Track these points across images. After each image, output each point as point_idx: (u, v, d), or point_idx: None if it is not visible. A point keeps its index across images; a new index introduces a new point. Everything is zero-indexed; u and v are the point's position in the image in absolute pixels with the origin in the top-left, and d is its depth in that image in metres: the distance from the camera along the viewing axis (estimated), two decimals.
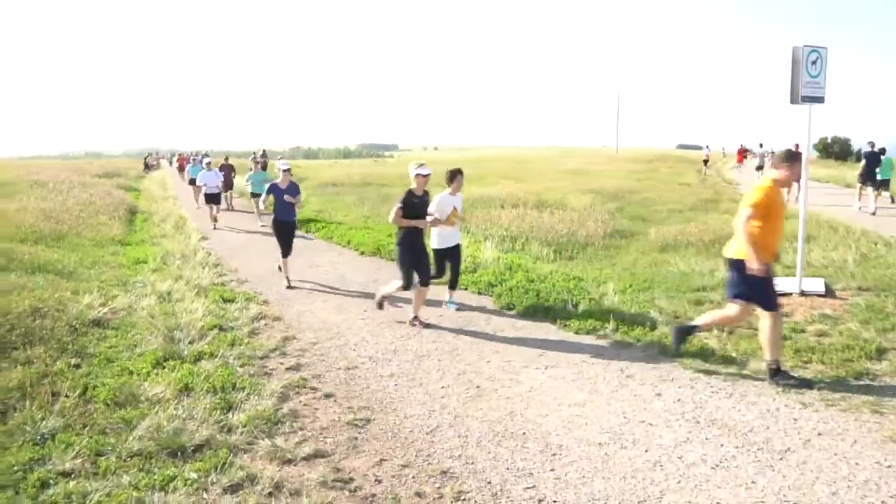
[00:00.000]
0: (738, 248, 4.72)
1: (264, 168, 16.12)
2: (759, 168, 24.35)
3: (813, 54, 6.56)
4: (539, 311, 6.79)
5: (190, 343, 5.63)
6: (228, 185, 17.98)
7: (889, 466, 3.49)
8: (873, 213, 14.32)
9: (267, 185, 8.87)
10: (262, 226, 13.29)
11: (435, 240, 6.82)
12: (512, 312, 6.95)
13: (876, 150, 15.92)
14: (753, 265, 4.49)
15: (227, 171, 17.97)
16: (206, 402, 4.31)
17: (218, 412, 4.22)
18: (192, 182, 17.71)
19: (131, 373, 4.96)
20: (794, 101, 6.65)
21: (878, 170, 15.28)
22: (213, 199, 15.21)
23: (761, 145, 26.21)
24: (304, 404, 4.53)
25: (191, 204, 18.60)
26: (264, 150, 35.33)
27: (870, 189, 15.24)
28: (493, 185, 21.65)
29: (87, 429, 3.97)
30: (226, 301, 7.37)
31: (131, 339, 5.87)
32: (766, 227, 4.69)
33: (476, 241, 10.74)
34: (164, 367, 5.06)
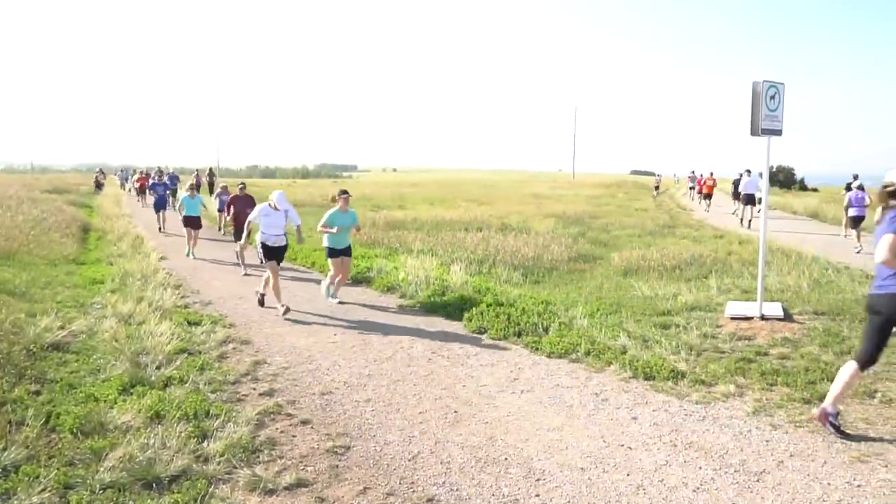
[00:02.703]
0: None
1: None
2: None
3: (771, 89, 6.89)
4: (511, 335, 6.84)
5: (157, 368, 5.45)
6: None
7: (859, 486, 3.62)
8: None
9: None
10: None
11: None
12: (484, 336, 6.97)
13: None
14: None
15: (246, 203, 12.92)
16: (179, 431, 4.16)
17: (192, 441, 4.08)
18: (190, 221, 13.07)
19: (97, 399, 4.76)
20: (753, 132, 6.94)
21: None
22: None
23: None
24: (281, 431, 4.43)
25: (147, 222, 18.11)
26: (211, 169, 34.70)
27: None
28: (457, 209, 21.81)
29: (53, 460, 3.78)
30: (191, 324, 7.17)
31: (94, 363, 5.65)
32: None
33: (443, 264, 10.77)
34: (131, 394, 4.87)
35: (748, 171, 19.26)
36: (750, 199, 18.44)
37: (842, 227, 16.12)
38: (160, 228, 16.92)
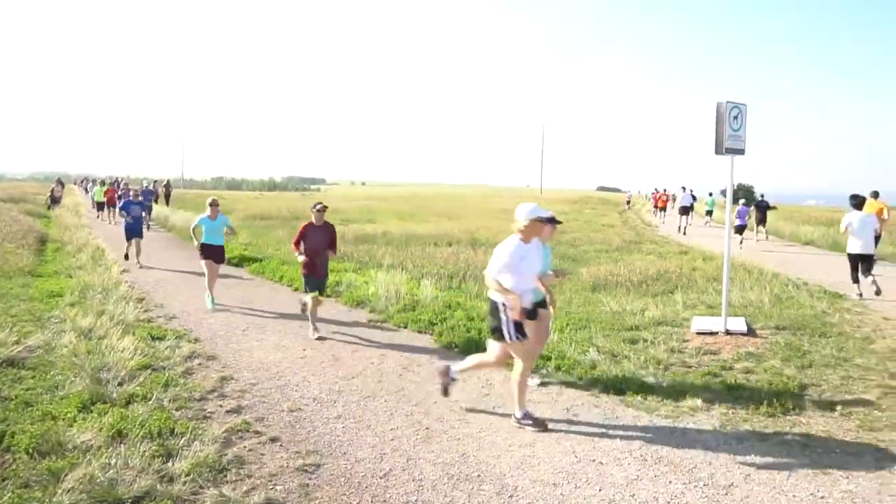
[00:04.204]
0: None
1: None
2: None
3: (734, 110, 7.10)
4: (481, 350, 6.82)
5: (119, 384, 5.28)
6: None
7: (822, 497, 3.71)
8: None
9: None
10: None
11: None
12: (454, 351, 6.95)
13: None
14: None
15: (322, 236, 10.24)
16: (142, 450, 4.02)
17: (157, 460, 3.95)
18: (204, 249, 9.36)
19: (55, 418, 4.58)
20: (718, 152, 7.14)
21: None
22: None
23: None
24: (249, 449, 4.32)
25: (109, 234, 17.63)
26: (168, 181, 34.07)
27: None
28: (427, 223, 21.82)
29: (7, 482, 3.62)
30: (155, 339, 6.98)
31: (52, 380, 5.44)
32: None
33: (413, 279, 10.73)
34: (91, 412, 4.71)
35: (684, 188, 25.50)
36: (685, 211, 23.43)
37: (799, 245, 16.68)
38: (128, 256, 13.14)
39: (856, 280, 9.89)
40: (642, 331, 7.51)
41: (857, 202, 10.25)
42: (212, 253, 9.36)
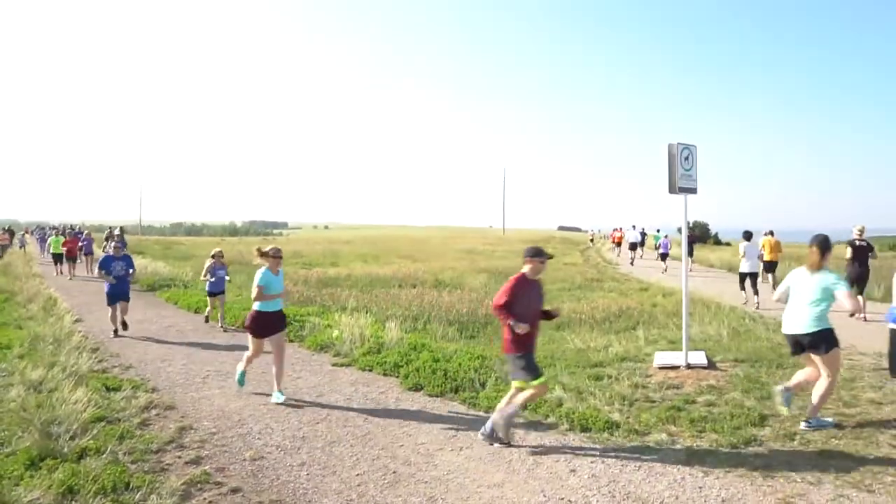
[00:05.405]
0: None
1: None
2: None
3: (685, 151, 7.39)
4: (448, 391, 6.80)
5: (71, 438, 5.05)
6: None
7: None
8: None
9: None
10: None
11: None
12: (420, 393, 6.89)
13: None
14: None
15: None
16: None
17: None
18: (260, 319, 6.69)
19: (0, 476, 4.35)
20: (671, 191, 7.39)
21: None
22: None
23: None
24: (210, 502, 4.17)
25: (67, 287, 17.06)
26: (121, 228, 33.30)
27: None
28: (390, 265, 21.79)
29: None
30: (109, 389, 6.73)
31: None
32: None
33: (378, 321, 10.66)
34: (40, 468, 4.49)
35: (633, 226, 29.45)
36: (633, 246, 27.77)
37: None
38: (119, 330, 10.44)
39: (743, 288, 13.30)
40: (606, 367, 7.58)
41: (747, 235, 13.52)
42: (273, 323, 6.68)
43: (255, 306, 6.66)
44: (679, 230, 12.30)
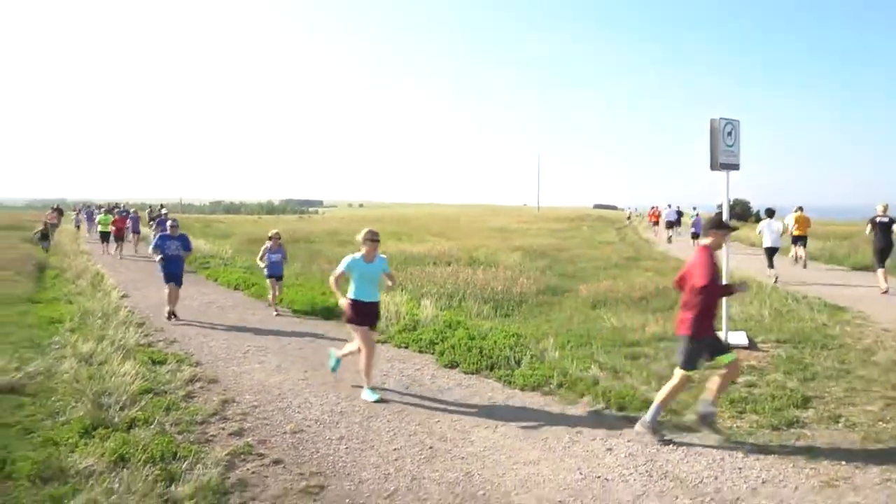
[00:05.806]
0: None
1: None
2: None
3: (728, 126, 7.18)
4: (483, 369, 6.83)
5: (121, 409, 5.25)
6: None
7: None
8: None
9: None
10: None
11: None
12: (456, 370, 6.94)
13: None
14: None
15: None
16: (145, 474, 4.00)
17: (160, 484, 3.93)
18: (356, 308, 6.13)
19: (56, 444, 4.56)
20: (713, 167, 7.20)
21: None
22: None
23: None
24: (253, 472, 4.30)
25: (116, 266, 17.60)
26: (161, 205, 34.03)
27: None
28: (425, 243, 21.84)
29: None
30: (155, 363, 6.95)
31: (52, 406, 5.42)
32: None
33: (413, 299, 10.74)
34: (93, 437, 4.68)
35: (669, 205, 29.22)
36: (670, 224, 27.83)
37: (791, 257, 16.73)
38: (171, 313, 10.01)
39: (771, 265, 13.44)
40: (643, 346, 7.51)
41: (769, 212, 14.20)
42: (366, 314, 6.12)
43: (349, 294, 6.10)
44: (719, 207, 11.97)
